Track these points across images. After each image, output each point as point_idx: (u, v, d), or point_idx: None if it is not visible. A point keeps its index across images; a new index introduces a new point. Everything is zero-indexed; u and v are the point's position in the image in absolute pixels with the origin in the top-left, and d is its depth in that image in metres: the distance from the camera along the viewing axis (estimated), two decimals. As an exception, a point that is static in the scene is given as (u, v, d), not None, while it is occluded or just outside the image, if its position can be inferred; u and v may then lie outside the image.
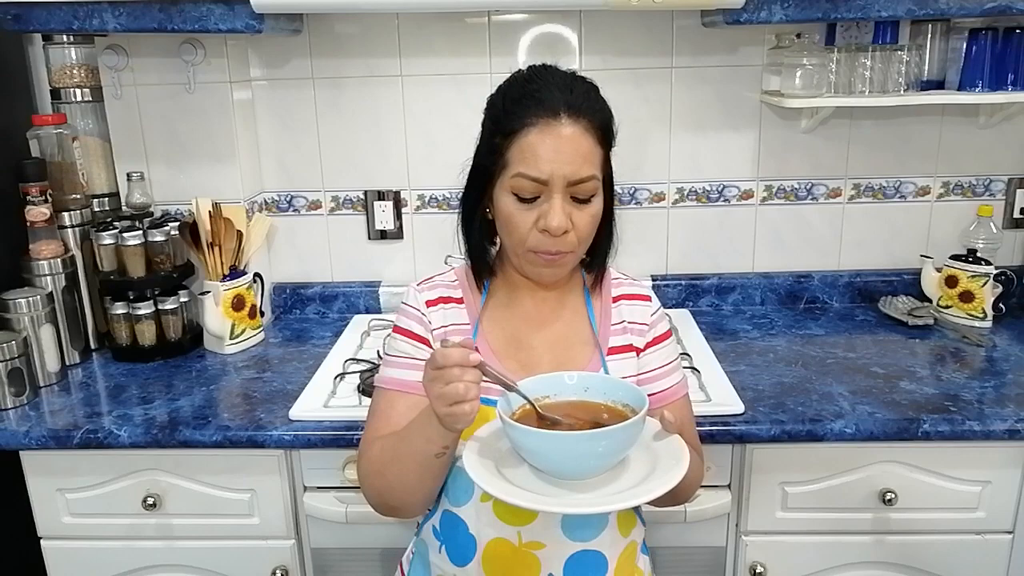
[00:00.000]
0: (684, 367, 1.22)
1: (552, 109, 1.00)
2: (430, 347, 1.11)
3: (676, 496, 1.11)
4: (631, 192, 1.92)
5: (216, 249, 1.72)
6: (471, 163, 1.10)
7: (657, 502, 1.13)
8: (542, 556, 1.04)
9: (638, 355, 1.14)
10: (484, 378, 0.93)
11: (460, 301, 1.15)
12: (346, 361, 1.63)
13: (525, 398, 0.97)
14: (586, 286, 1.17)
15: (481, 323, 1.13)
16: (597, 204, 1.06)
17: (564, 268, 1.10)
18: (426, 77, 1.86)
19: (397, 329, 1.14)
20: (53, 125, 1.69)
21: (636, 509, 1.13)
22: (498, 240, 1.14)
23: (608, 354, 1.12)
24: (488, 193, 1.08)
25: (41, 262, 1.63)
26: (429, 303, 1.14)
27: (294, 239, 1.98)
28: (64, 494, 1.46)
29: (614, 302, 1.16)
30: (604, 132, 1.05)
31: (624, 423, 0.90)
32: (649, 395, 0.99)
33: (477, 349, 0.94)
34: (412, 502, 1.06)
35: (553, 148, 1.00)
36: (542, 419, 0.96)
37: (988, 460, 1.39)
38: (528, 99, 1.02)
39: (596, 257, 1.14)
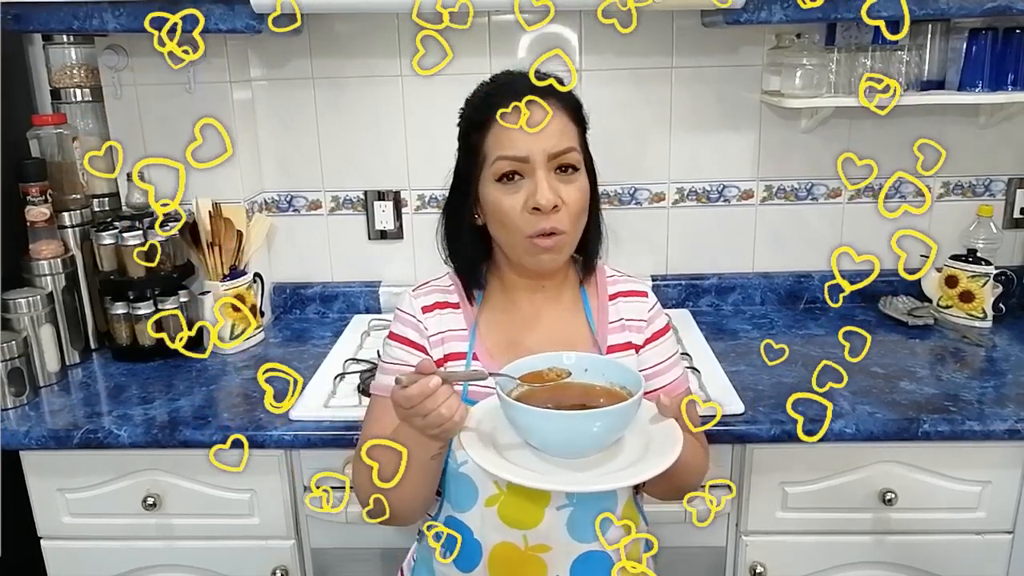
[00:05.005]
0: (684, 367, 1.22)
1: (519, 93, 1.04)
2: (426, 353, 1.11)
3: (681, 487, 1.11)
4: (631, 192, 1.92)
5: (216, 249, 1.72)
6: (451, 179, 1.12)
7: (661, 493, 1.13)
8: (548, 559, 1.04)
9: (637, 352, 1.14)
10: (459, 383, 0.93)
11: (456, 306, 1.15)
12: (346, 361, 1.63)
13: (494, 380, 0.97)
14: (583, 285, 1.17)
15: (478, 327, 1.13)
16: (583, 180, 1.07)
17: (562, 253, 1.08)
18: (426, 77, 1.86)
19: (392, 335, 1.14)
20: (53, 125, 1.69)
21: (639, 508, 1.13)
22: (492, 248, 1.14)
23: (607, 353, 1.12)
24: (474, 197, 1.08)
25: (41, 262, 1.63)
26: (425, 309, 1.14)
27: (294, 239, 1.98)
28: (64, 494, 1.46)
29: (611, 299, 1.16)
30: (575, 111, 1.08)
31: (621, 404, 0.91)
32: (650, 391, 0.99)
33: (442, 361, 0.95)
34: (409, 508, 1.06)
35: (528, 126, 1.03)
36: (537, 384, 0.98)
37: (988, 460, 1.39)
38: (494, 92, 1.07)
39: (586, 251, 1.14)
